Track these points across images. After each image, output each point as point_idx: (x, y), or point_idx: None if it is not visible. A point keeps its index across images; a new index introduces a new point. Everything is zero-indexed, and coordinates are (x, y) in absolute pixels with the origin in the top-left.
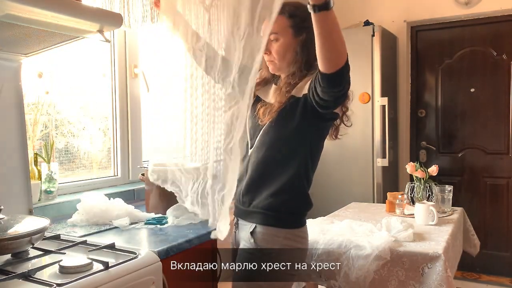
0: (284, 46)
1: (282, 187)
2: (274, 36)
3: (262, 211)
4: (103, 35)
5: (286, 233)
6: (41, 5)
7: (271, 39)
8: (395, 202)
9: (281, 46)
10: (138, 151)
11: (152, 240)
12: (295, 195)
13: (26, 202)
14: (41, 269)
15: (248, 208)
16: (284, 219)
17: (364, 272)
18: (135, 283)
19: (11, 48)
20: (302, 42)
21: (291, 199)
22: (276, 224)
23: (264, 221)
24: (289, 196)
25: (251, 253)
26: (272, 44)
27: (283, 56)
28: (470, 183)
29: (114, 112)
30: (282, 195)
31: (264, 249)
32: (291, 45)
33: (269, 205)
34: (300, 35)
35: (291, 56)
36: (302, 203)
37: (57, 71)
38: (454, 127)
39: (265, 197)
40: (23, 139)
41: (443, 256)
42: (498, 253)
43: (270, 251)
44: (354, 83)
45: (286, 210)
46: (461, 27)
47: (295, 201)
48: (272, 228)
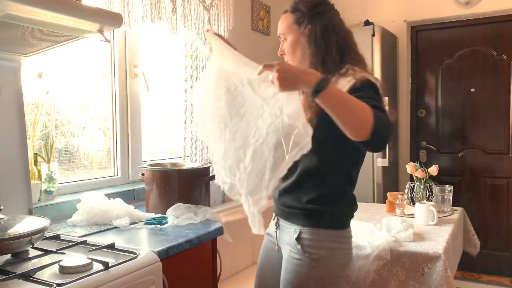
0: (292, 43)
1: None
2: (283, 36)
3: (305, 212)
4: (103, 35)
5: (331, 236)
6: (41, 5)
7: (282, 40)
8: (395, 202)
9: (289, 44)
10: (138, 151)
11: (152, 240)
12: (339, 198)
13: (26, 202)
14: (41, 269)
15: (290, 209)
16: (328, 221)
17: (364, 272)
18: (135, 283)
19: (11, 48)
20: (307, 36)
21: (335, 201)
22: (321, 226)
23: (308, 223)
24: (332, 199)
25: (299, 259)
26: (283, 44)
27: (294, 53)
28: (470, 183)
29: (114, 112)
30: (323, 199)
31: (312, 254)
32: (298, 41)
33: (311, 208)
34: (304, 28)
35: (300, 51)
36: (346, 205)
37: (57, 71)
38: (454, 127)
39: (306, 201)
40: (23, 139)
41: (443, 256)
42: (498, 253)
43: (318, 256)
44: None
45: (330, 211)
46: (461, 27)
47: (339, 204)
48: (317, 230)
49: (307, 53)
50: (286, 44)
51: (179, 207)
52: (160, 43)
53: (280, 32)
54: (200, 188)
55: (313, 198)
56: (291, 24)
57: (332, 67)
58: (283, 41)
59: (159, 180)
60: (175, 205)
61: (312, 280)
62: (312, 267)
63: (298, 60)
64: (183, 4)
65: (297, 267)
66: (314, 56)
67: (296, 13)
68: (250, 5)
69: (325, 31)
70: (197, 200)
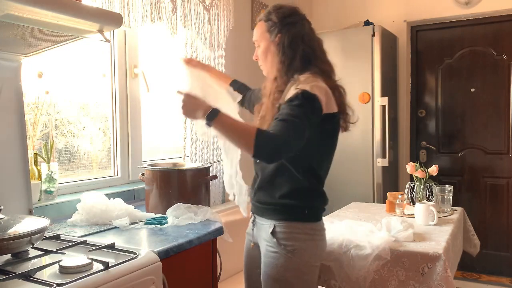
0: (264, 50)
1: (292, 187)
2: (257, 43)
3: (277, 207)
4: (103, 35)
5: (304, 228)
6: (41, 5)
7: (256, 46)
8: (395, 202)
9: (262, 51)
10: (138, 151)
11: (152, 240)
12: (309, 192)
13: (26, 202)
14: (41, 269)
15: (264, 205)
16: (300, 214)
17: (364, 272)
18: (135, 283)
19: (11, 48)
20: (276, 44)
21: (305, 196)
22: (294, 219)
23: (281, 217)
24: (303, 194)
25: (275, 252)
26: (257, 50)
27: (265, 59)
28: (470, 183)
29: (114, 112)
30: (294, 194)
31: (287, 246)
32: (269, 48)
33: (284, 203)
34: (275, 37)
35: (271, 58)
36: (315, 199)
37: (57, 71)
38: (454, 127)
39: (279, 196)
40: (23, 139)
41: (443, 256)
42: (498, 253)
43: (293, 248)
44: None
45: (301, 205)
46: (461, 27)
47: (309, 198)
48: (290, 223)
49: (276, 60)
50: (260, 51)
51: (179, 207)
52: (160, 43)
53: (255, 39)
54: (200, 188)
55: (285, 193)
56: (263, 32)
57: (294, 74)
58: (257, 47)
59: (159, 180)
60: (175, 205)
61: (289, 271)
62: (288, 258)
63: (268, 66)
64: (183, 4)
65: (274, 260)
66: (281, 64)
67: (268, 22)
68: (250, 5)
69: (293, 40)
70: (197, 200)
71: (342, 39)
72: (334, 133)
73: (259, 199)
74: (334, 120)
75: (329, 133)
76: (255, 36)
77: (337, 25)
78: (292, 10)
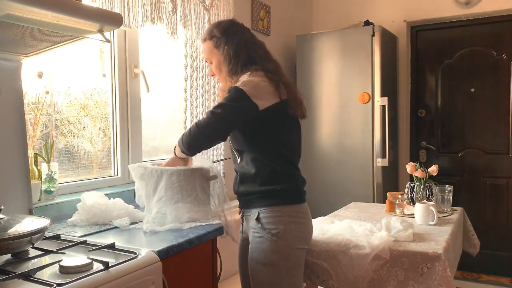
0: (216, 65)
1: (268, 174)
2: (209, 61)
3: (259, 195)
4: (103, 35)
5: (287, 211)
6: (41, 5)
7: (209, 63)
8: (395, 202)
9: (215, 66)
10: (138, 151)
11: (152, 240)
12: (285, 176)
13: (26, 202)
14: (41, 269)
15: (248, 196)
16: (280, 198)
17: (363, 272)
18: (135, 283)
19: (11, 48)
20: (224, 55)
21: (282, 180)
22: (275, 204)
23: (264, 203)
24: (280, 178)
25: (261, 236)
26: (211, 67)
27: (220, 73)
28: (470, 183)
29: (114, 112)
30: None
31: (272, 229)
32: (220, 61)
33: (264, 189)
34: (222, 49)
35: (225, 69)
36: (292, 182)
37: (57, 71)
38: (454, 127)
39: (259, 184)
40: (23, 139)
41: (443, 256)
42: (498, 253)
43: (278, 231)
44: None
45: (279, 189)
46: (461, 27)
47: (285, 181)
48: (273, 208)
49: (226, 70)
50: (213, 66)
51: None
52: (160, 43)
53: (205, 57)
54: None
55: (264, 180)
56: (212, 49)
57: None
58: (210, 65)
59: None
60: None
61: (275, 253)
62: (273, 241)
63: (223, 77)
64: (183, 4)
65: (260, 244)
66: (230, 72)
67: (213, 39)
68: (250, 5)
69: (237, 48)
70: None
71: (342, 39)
72: (284, 118)
73: (242, 191)
74: (280, 108)
75: (279, 120)
76: (205, 55)
77: (337, 25)
78: (231, 22)
